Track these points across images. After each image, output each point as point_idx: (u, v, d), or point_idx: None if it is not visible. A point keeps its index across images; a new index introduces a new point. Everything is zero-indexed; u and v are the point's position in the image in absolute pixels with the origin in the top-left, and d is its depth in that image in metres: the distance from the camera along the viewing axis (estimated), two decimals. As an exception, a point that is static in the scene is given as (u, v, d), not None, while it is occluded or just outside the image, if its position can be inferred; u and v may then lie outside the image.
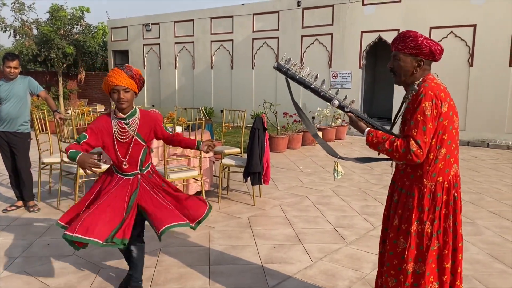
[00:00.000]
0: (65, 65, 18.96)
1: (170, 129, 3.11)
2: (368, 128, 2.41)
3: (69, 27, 18.53)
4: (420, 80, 2.34)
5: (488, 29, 10.71)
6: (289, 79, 2.62)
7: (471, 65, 11.06)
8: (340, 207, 5.45)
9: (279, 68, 2.59)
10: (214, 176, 6.12)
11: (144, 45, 18.17)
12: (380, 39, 12.31)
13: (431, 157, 2.28)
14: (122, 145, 2.91)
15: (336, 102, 2.49)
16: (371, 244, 4.20)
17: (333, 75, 13.16)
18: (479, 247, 4.18)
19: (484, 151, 10.19)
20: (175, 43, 17.17)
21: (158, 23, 17.58)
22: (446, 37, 11.29)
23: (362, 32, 12.62)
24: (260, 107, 10.49)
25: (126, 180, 2.98)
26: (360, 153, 9.63)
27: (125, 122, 2.89)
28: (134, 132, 2.90)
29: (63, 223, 2.96)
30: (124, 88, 2.79)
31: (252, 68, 15.01)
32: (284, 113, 10.22)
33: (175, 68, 17.32)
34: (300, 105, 13.51)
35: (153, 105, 17.96)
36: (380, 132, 2.37)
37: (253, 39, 14.93)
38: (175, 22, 17.09)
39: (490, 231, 4.61)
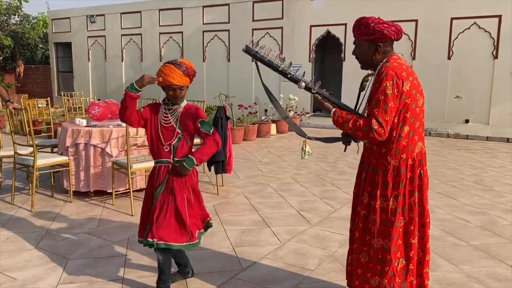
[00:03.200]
0: (1, 57, 17.88)
1: (207, 129, 2.87)
2: (334, 109, 2.48)
3: (6, 17, 17.49)
4: (384, 61, 2.41)
5: (428, 24, 11.33)
6: (258, 62, 2.61)
7: (413, 58, 11.66)
8: (301, 192, 5.62)
9: (247, 51, 2.58)
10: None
11: (88, 37, 17.49)
12: (328, 33, 12.67)
13: (394, 134, 2.35)
14: (165, 129, 2.87)
15: (303, 84, 2.53)
16: (334, 225, 4.39)
17: (284, 68, 13.36)
18: (432, 224, 4.47)
19: (427, 139, 10.80)
20: (122, 35, 16.68)
21: (103, 15, 16.99)
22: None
23: (311, 26, 12.92)
24: (216, 99, 10.49)
25: (158, 167, 2.90)
26: (312, 143, 9.88)
27: (168, 107, 2.88)
28: (176, 121, 2.85)
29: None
30: (180, 87, 2.79)
31: (203, 61, 14.91)
32: (239, 105, 10.30)
33: (122, 61, 16.84)
34: (253, 98, 13.71)
35: (99, 99, 17.36)
36: (345, 112, 2.45)
37: (203, 31, 14.83)
38: (121, 13, 16.59)
39: (441, 210, 4.96)
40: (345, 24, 12.31)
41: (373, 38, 2.36)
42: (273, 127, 10.92)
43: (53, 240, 3.94)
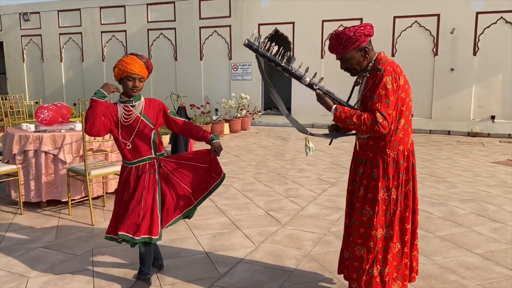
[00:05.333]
0: None
1: (178, 117, 3.07)
2: (335, 105, 2.51)
3: None
4: (373, 60, 2.50)
5: (372, 22, 11.57)
6: (260, 57, 2.60)
7: (359, 56, 12.00)
8: (265, 192, 5.57)
9: (249, 45, 2.57)
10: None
11: (22, 36, 16.41)
12: (276, 31, 12.72)
13: (392, 127, 2.45)
14: (125, 128, 2.86)
15: (307, 80, 2.53)
16: (305, 224, 4.38)
17: (233, 66, 13.28)
18: (397, 217, 4.60)
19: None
20: (60, 34, 15.81)
21: (38, 12, 16.01)
22: (337, 30, 12.08)
23: (259, 24, 12.91)
24: (168, 100, 10.20)
25: (139, 167, 2.91)
26: (267, 141, 9.91)
27: (131, 104, 2.87)
28: (140, 113, 2.86)
29: (111, 235, 2.94)
30: (140, 77, 2.78)
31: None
32: (191, 105, 10.08)
33: (61, 61, 15.96)
34: (202, 97, 13.49)
35: (36, 102, 16.35)
36: (346, 108, 2.48)
37: (148, 30, 14.38)
38: (59, 11, 15.72)
39: (402, 203, 5.10)
40: (293, 23, 12.44)
41: (359, 44, 2.44)
42: (226, 126, 10.81)
43: (8, 257, 3.60)
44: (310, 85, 2.56)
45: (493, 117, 10.84)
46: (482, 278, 3.18)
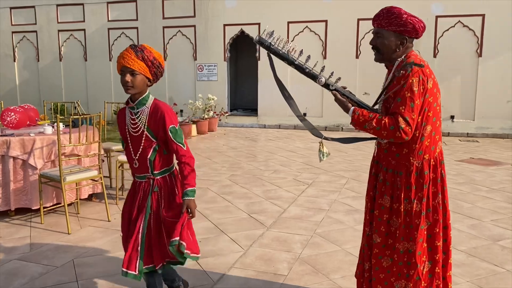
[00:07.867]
0: None
1: (181, 143, 2.43)
2: (354, 107, 2.33)
3: None
4: (403, 57, 2.31)
5: (337, 24, 11.89)
6: (272, 55, 2.43)
7: (324, 57, 12.17)
8: (244, 194, 5.50)
9: (260, 41, 2.39)
10: (104, 176, 5.56)
11: (-30, 33, 15.49)
12: (242, 32, 12.68)
13: (417, 134, 2.26)
14: (134, 139, 2.47)
15: (323, 80, 2.37)
16: (289, 226, 4.35)
17: (198, 67, 13.10)
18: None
19: (341, 134, 11.38)
20: (13, 32, 15.03)
21: (-12, 9, 15.16)
22: (302, 31, 12.20)
23: (224, 25, 12.82)
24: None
25: (139, 183, 2.53)
26: (237, 143, 9.84)
27: (134, 111, 2.44)
28: (144, 125, 2.41)
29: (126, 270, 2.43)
30: (130, 70, 2.33)
31: (110, 60, 14.02)
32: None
33: (14, 61, 15.19)
34: (167, 99, 13.22)
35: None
36: (366, 110, 2.30)
37: (108, 28, 13.94)
38: (11, 8, 14.93)
39: (380, 202, 5.18)
40: (259, 24, 12.42)
41: (402, 31, 2.24)
42: (193, 128, 10.64)
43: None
44: (326, 85, 2.39)
45: (452, 117, 11.30)
46: (471, 275, 3.27)
